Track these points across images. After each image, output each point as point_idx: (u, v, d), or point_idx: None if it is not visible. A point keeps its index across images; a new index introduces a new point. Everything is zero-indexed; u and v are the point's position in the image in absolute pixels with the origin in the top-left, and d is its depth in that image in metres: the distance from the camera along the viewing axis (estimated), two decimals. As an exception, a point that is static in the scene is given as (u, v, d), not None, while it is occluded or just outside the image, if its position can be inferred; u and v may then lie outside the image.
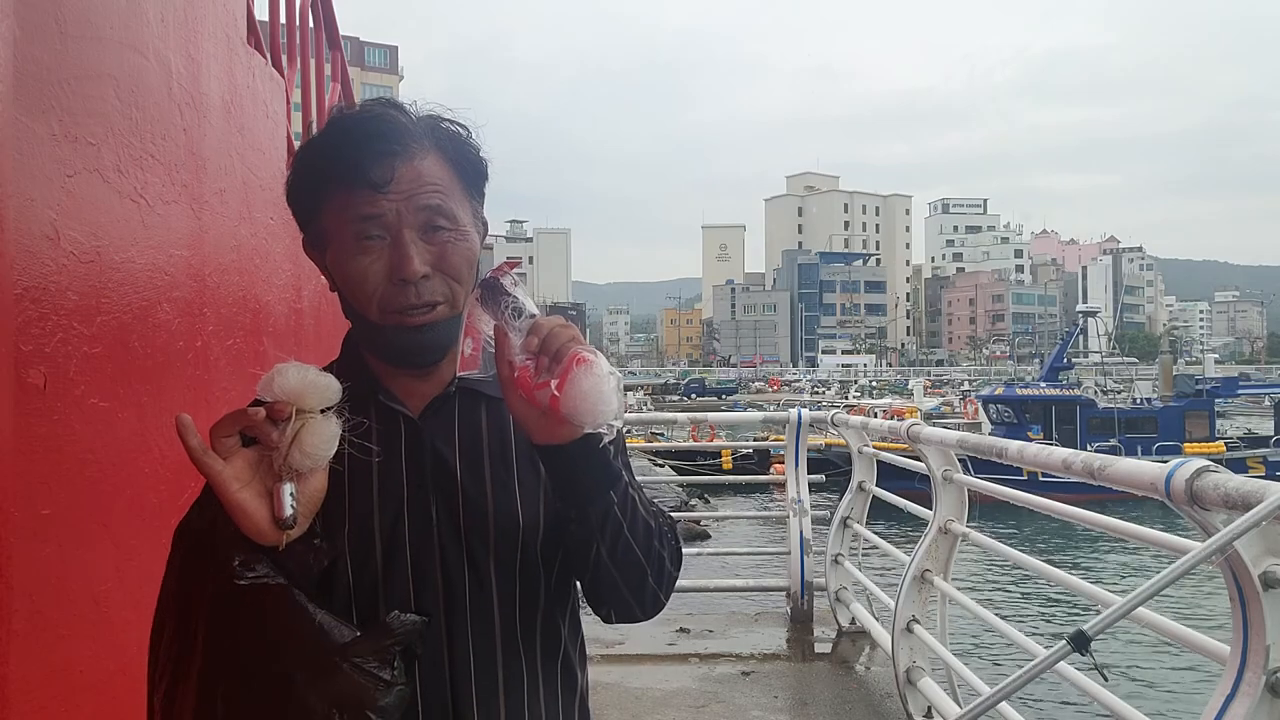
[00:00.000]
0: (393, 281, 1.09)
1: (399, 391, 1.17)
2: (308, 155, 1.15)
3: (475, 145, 1.17)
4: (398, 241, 1.09)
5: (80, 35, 1.57)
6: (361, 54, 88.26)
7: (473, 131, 1.17)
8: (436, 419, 1.17)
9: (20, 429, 1.37)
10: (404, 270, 1.09)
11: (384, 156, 1.08)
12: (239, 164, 2.36)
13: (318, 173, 1.12)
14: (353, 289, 1.13)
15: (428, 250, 1.11)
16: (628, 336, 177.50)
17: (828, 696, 4.16)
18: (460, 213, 1.13)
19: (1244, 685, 1.83)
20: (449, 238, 1.12)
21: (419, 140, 1.11)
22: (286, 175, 1.18)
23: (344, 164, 1.09)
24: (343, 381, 1.10)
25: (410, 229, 1.10)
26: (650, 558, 1.15)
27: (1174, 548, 2.08)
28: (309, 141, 1.17)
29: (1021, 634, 2.96)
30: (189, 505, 1.13)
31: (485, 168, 1.18)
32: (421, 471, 1.13)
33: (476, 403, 1.19)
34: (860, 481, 5.06)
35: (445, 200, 1.11)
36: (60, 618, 1.49)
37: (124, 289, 1.71)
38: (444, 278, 1.12)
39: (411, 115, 1.13)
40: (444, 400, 1.17)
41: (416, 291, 1.10)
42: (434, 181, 1.11)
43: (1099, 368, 35.79)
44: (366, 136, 1.09)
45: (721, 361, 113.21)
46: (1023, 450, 2.97)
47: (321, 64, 3.64)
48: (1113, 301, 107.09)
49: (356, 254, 1.10)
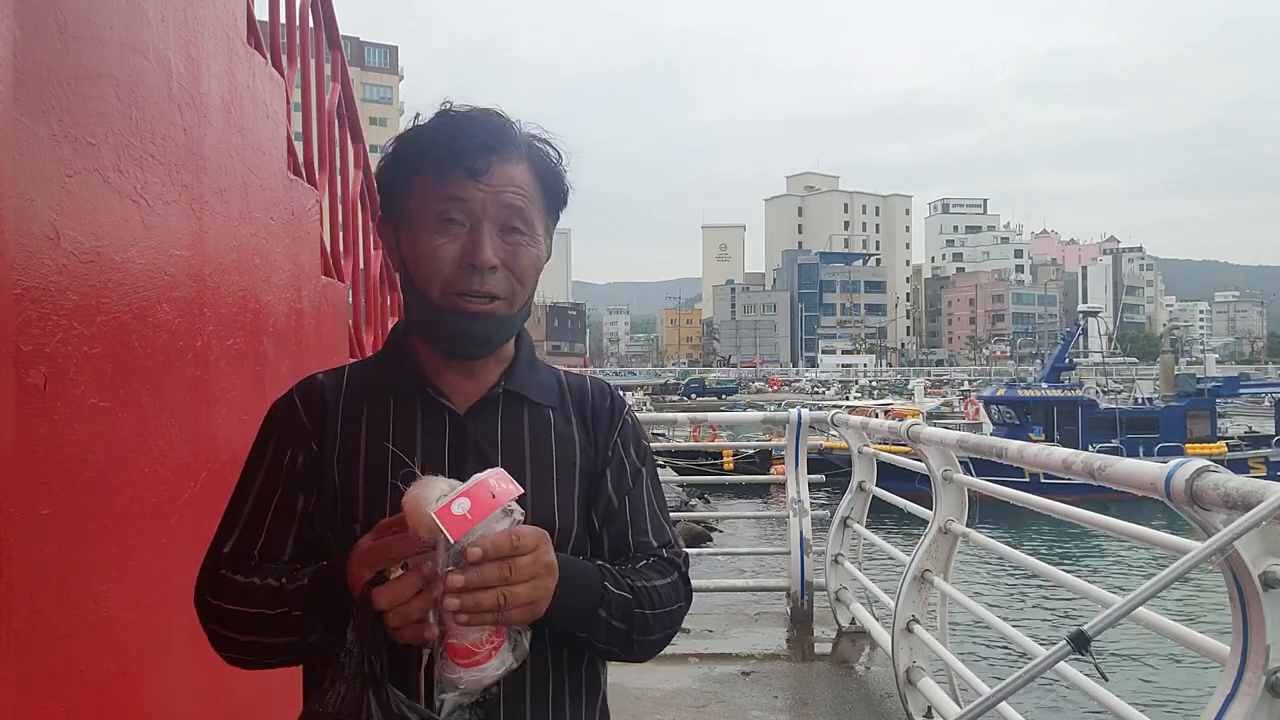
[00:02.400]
0: (462, 265, 1.14)
1: (445, 387, 1.20)
2: (408, 136, 1.19)
3: (563, 170, 1.23)
4: (476, 230, 1.15)
5: (80, 35, 1.57)
6: (361, 54, 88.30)
7: (564, 158, 1.24)
8: (481, 418, 1.20)
9: (20, 429, 1.37)
10: (477, 257, 1.14)
11: (484, 149, 1.14)
12: (239, 164, 2.36)
13: (416, 152, 1.17)
14: (421, 265, 1.17)
15: (502, 246, 1.16)
16: (628, 336, 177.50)
17: (828, 696, 4.16)
18: (536, 222, 1.19)
19: (1244, 685, 1.83)
20: (522, 241, 1.17)
21: (517, 146, 1.18)
22: (382, 155, 1.22)
23: (444, 147, 1.14)
24: (390, 369, 1.19)
25: (490, 222, 1.15)
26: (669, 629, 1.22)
27: (1174, 548, 2.08)
28: (412, 127, 1.20)
29: (1021, 634, 2.96)
30: (189, 505, 1.13)
31: (567, 194, 1.24)
32: (463, 469, 1.14)
33: (520, 406, 1.23)
34: (860, 481, 5.06)
35: (527, 206, 1.17)
36: (60, 618, 1.49)
37: (124, 289, 1.71)
38: (509, 275, 1.17)
39: (513, 124, 1.19)
40: (489, 401, 1.21)
41: (481, 280, 1.15)
42: (521, 186, 1.17)
43: (1100, 368, 35.78)
44: (471, 127, 1.15)
45: (721, 361, 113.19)
46: (1023, 450, 2.97)
47: (321, 64, 3.64)
48: (1113, 301, 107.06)
49: (434, 233, 1.15)
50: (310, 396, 1.22)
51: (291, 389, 1.25)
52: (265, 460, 1.20)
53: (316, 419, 1.20)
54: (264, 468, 1.20)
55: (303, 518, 1.18)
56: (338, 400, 1.21)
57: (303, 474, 1.18)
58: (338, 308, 3.35)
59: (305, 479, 1.18)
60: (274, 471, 1.19)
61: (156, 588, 1.79)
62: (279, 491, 1.18)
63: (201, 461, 2.02)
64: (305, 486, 1.18)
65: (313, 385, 1.23)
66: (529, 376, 1.26)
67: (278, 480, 1.19)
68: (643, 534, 1.26)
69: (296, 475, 1.18)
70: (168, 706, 1.90)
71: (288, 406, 1.22)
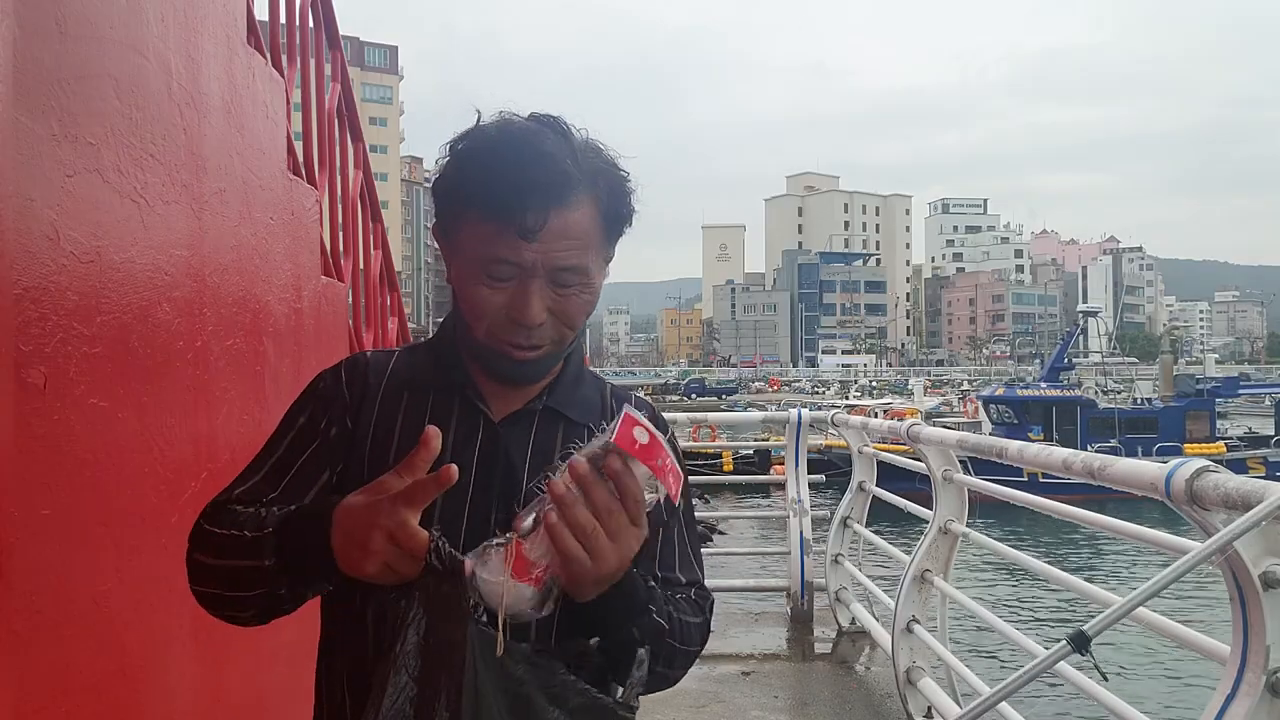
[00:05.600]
0: (509, 318, 1.12)
1: (487, 393, 1.19)
2: (465, 155, 1.12)
3: (630, 194, 1.17)
4: (524, 288, 1.10)
5: (80, 35, 1.57)
6: (361, 54, 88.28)
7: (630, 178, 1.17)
8: (515, 429, 1.19)
9: (20, 429, 1.37)
10: (524, 317, 1.11)
11: (541, 206, 1.07)
12: (239, 164, 2.35)
13: (473, 188, 1.10)
14: (467, 305, 1.15)
15: (551, 297, 1.12)
16: (628, 337, 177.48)
17: (828, 696, 4.16)
18: (593, 265, 1.14)
19: (1244, 685, 1.83)
20: (575, 291, 1.13)
21: (578, 189, 1.10)
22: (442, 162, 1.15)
23: (500, 201, 1.07)
24: (435, 363, 1.19)
25: (540, 279, 1.10)
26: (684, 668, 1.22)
27: (1174, 548, 2.08)
28: (473, 146, 1.12)
29: (1021, 634, 2.96)
30: (189, 505, 1.13)
31: (631, 215, 1.18)
32: (490, 476, 1.15)
33: (555, 422, 1.21)
34: (860, 481, 5.06)
35: (582, 257, 1.12)
36: (60, 618, 1.49)
37: (124, 289, 1.71)
38: (557, 324, 1.14)
39: (577, 150, 1.12)
40: (526, 414, 1.20)
41: (528, 334, 1.12)
42: (579, 237, 1.11)
43: (1099, 368, 35.78)
44: (530, 182, 1.06)
45: (721, 361, 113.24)
46: (1023, 450, 2.97)
47: (321, 64, 3.63)
48: (1113, 301, 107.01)
49: (480, 284, 1.12)
50: (355, 373, 1.22)
51: (340, 362, 1.26)
52: (299, 422, 1.21)
53: (357, 396, 1.20)
54: (296, 429, 1.21)
55: (323, 487, 1.18)
56: (379, 384, 1.21)
57: (335, 445, 1.19)
58: (337, 308, 3.35)
59: (334, 452, 1.19)
60: (306, 436, 1.20)
61: (156, 588, 1.79)
62: (304, 456, 1.19)
63: (201, 461, 2.02)
64: (332, 459, 1.18)
65: (359, 362, 1.24)
66: (572, 393, 1.23)
67: (304, 446, 1.19)
68: (670, 569, 1.24)
69: (329, 445, 1.19)
70: (168, 706, 1.90)
71: (333, 378, 1.22)
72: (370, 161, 4.10)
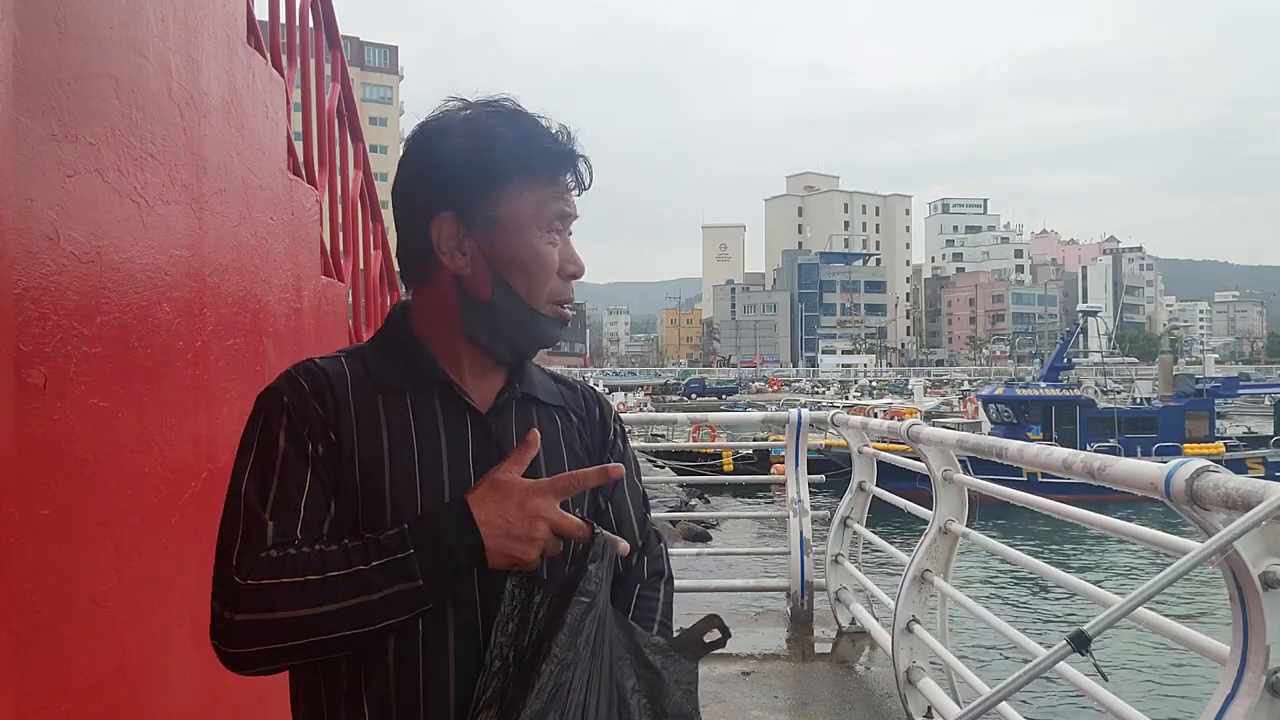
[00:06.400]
0: (563, 275, 1.20)
1: (462, 384, 1.19)
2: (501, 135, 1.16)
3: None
4: (569, 242, 1.22)
5: (80, 35, 1.57)
6: (361, 54, 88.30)
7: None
8: (499, 418, 1.20)
9: (20, 429, 1.37)
10: (579, 269, 1.22)
11: (586, 163, 1.20)
12: (239, 164, 2.35)
13: (518, 151, 1.16)
14: (529, 273, 1.18)
15: None
16: (628, 336, 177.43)
17: (828, 696, 4.16)
18: None
19: (1244, 685, 1.83)
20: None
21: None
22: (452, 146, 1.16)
23: (555, 156, 1.17)
24: (401, 362, 1.17)
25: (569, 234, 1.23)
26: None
27: (1174, 548, 2.08)
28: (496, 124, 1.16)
29: (1021, 634, 2.96)
30: (189, 505, 1.13)
31: None
32: (486, 467, 1.15)
33: (530, 406, 1.24)
34: (860, 481, 5.06)
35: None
36: (60, 618, 1.49)
37: (124, 289, 1.71)
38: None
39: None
40: (506, 402, 1.22)
41: (570, 289, 1.23)
42: None
43: (1099, 368, 35.77)
44: (569, 140, 1.19)
45: (721, 361, 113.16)
46: (1023, 450, 2.97)
47: (321, 64, 3.63)
48: (1113, 301, 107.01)
49: (546, 242, 1.18)
50: (318, 384, 1.12)
51: (290, 372, 1.13)
52: (280, 442, 1.08)
53: (330, 408, 1.11)
54: (281, 449, 1.08)
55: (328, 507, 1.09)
56: (346, 392, 1.12)
57: (325, 462, 1.09)
58: (337, 308, 3.35)
59: (328, 470, 1.09)
60: (295, 460, 1.08)
61: (156, 588, 1.79)
62: (308, 472, 1.08)
63: (201, 461, 2.02)
64: (328, 477, 1.09)
65: (315, 372, 1.13)
66: (535, 378, 1.27)
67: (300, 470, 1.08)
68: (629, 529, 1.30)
69: (321, 462, 1.09)
70: (168, 707, 1.90)
71: (296, 393, 1.10)
72: (370, 161, 4.10)
